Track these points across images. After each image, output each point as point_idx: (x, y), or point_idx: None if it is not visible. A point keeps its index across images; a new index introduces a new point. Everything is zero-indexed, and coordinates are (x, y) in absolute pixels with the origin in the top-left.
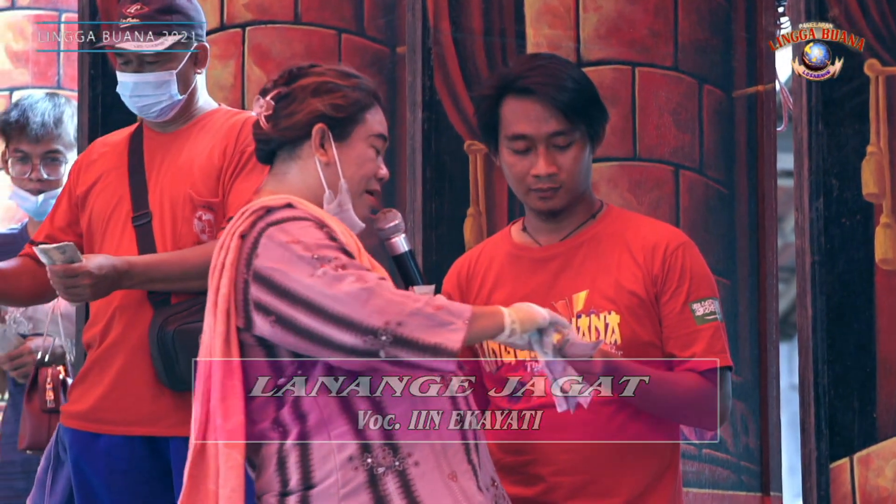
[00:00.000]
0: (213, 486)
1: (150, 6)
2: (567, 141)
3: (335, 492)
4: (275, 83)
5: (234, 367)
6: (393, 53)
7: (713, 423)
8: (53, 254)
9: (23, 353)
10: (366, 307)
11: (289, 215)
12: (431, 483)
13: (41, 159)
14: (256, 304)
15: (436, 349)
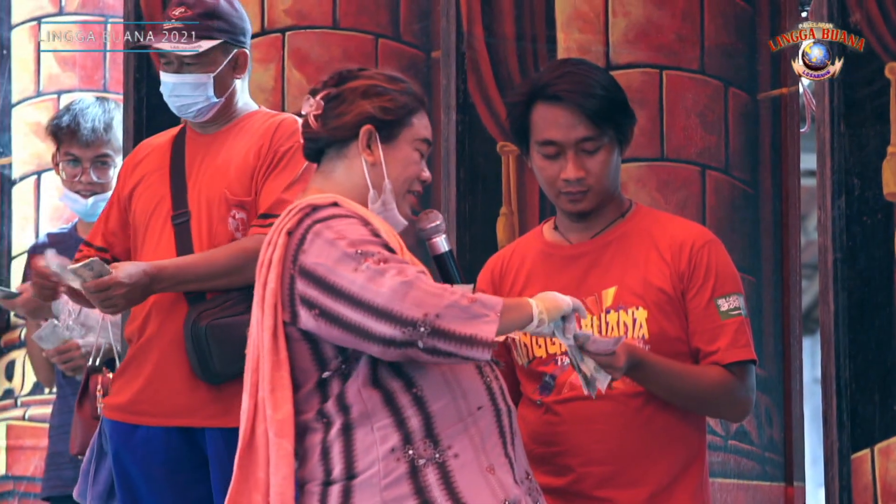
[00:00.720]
0: (262, 475)
1: (193, 10)
2: (595, 146)
3: (377, 482)
4: (325, 84)
5: (281, 360)
6: (428, 57)
7: (738, 416)
8: (82, 272)
9: (71, 347)
10: (405, 300)
11: (334, 213)
12: (470, 475)
13: (91, 163)
14: (302, 298)
15: (471, 340)
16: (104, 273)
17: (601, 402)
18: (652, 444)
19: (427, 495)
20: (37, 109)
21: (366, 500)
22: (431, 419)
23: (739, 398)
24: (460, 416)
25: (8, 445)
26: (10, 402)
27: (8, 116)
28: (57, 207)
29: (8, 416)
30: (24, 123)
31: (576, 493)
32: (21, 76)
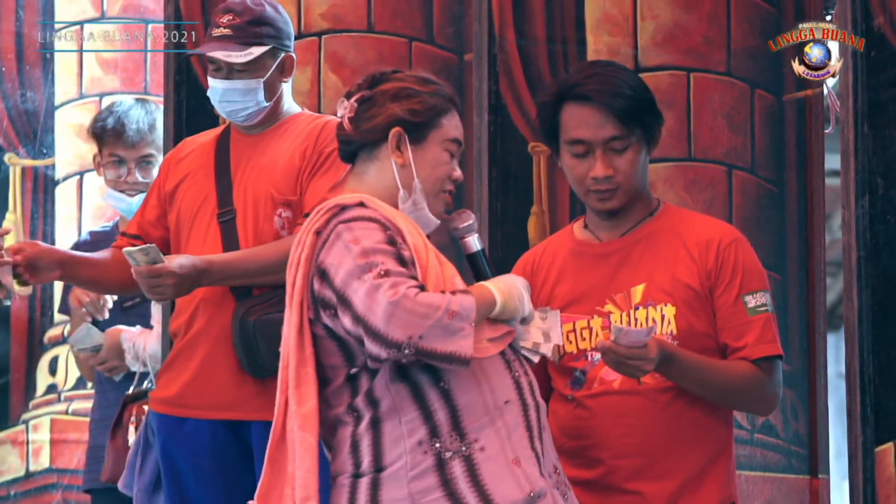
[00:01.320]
0: (291, 468)
1: (241, 17)
2: (623, 145)
3: (404, 474)
4: (359, 87)
5: (307, 357)
6: (461, 60)
7: (765, 410)
8: (137, 255)
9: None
10: (391, 322)
11: (358, 214)
12: (496, 468)
13: (136, 163)
14: (319, 296)
15: (450, 357)
16: (158, 260)
17: (631, 397)
18: (680, 438)
19: (453, 487)
20: (79, 111)
21: (393, 491)
22: (458, 412)
23: (767, 392)
24: (487, 410)
25: (52, 439)
26: (54, 397)
27: (51, 118)
28: (99, 207)
29: (52, 411)
30: (67, 125)
31: (606, 485)
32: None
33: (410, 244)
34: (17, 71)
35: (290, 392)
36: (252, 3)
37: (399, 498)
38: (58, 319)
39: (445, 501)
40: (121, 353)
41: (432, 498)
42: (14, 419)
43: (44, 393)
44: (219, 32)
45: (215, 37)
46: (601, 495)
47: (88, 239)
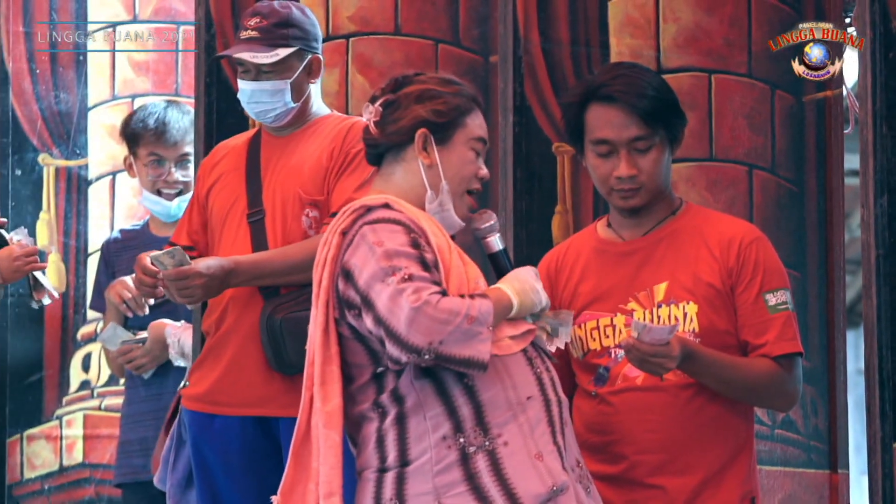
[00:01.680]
0: (315, 464)
1: (268, 20)
2: (647, 145)
3: (429, 469)
4: (383, 90)
5: (332, 355)
6: (486, 62)
7: (785, 406)
8: (164, 259)
9: (132, 348)
10: (411, 327)
11: (383, 216)
12: (519, 462)
13: (175, 163)
14: (343, 296)
15: (468, 362)
16: (185, 262)
17: (654, 394)
18: (702, 434)
19: (477, 481)
20: (112, 112)
21: (418, 485)
22: (482, 408)
23: (787, 389)
24: (510, 406)
25: (85, 434)
26: (87, 393)
27: (84, 119)
28: (131, 206)
29: (85, 407)
30: (100, 126)
31: (629, 480)
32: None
33: (434, 245)
34: (50, 73)
35: (314, 389)
36: (279, 6)
37: (424, 492)
38: (91, 317)
39: (470, 495)
40: (164, 346)
41: (457, 492)
42: (48, 415)
43: (77, 389)
44: (246, 35)
45: (243, 39)
46: (624, 490)
47: (119, 237)
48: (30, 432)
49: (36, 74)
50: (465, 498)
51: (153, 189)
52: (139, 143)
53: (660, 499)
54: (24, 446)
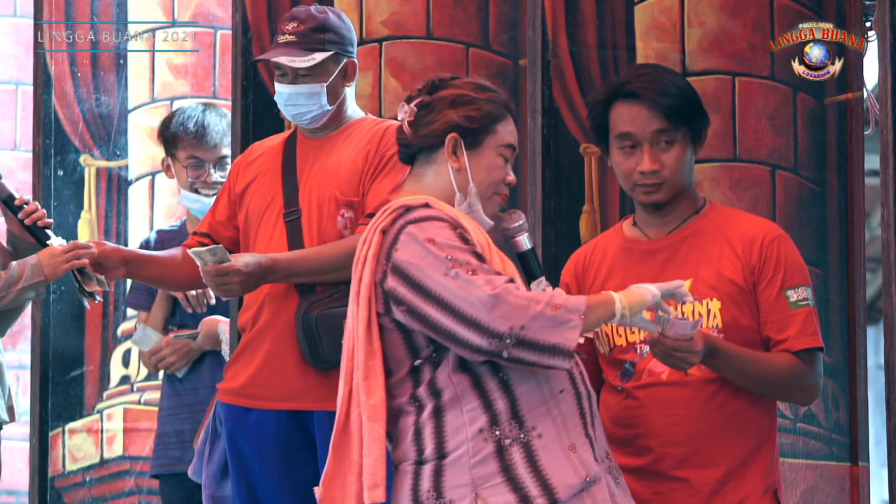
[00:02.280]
0: (356, 457)
1: (305, 25)
2: (670, 140)
3: (466, 461)
4: (419, 91)
5: (375, 350)
6: (515, 65)
7: (806, 399)
8: (205, 255)
9: (161, 348)
10: (493, 312)
11: (426, 214)
12: (553, 454)
13: (213, 164)
14: (392, 293)
15: (554, 348)
16: (225, 260)
17: (678, 388)
18: (726, 427)
19: (513, 473)
20: (151, 115)
21: (456, 477)
22: (517, 401)
23: (808, 383)
24: (543, 399)
25: (125, 428)
26: (127, 388)
27: (125, 121)
28: (169, 206)
29: (125, 401)
30: (140, 128)
31: (655, 472)
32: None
33: (475, 242)
34: (91, 76)
35: (357, 383)
36: (316, 11)
37: (461, 484)
38: (130, 314)
39: (505, 486)
40: (217, 341)
41: (493, 483)
42: (89, 409)
43: (117, 384)
44: (284, 39)
45: (281, 43)
46: (650, 482)
47: (156, 237)
48: (71, 426)
49: (77, 78)
50: (501, 489)
51: (192, 189)
52: (178, 146)
53: (684, 490)
54: (66, 439)
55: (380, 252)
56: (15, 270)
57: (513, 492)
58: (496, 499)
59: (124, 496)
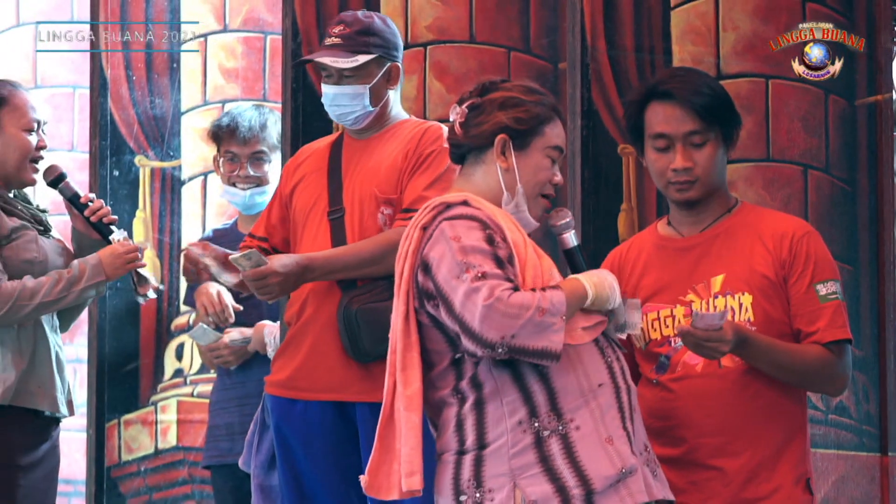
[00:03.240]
0: (399, 446)
1: (351, 28)
2: (702, 139)
3: (506, 452)
4: (470, 93)
5: (412, 342)
6: (555, 69)
7: (836, 390)
8: (242, 261)
9: (219, 346)
10: (485, 324)
11: (461, 213)
12: (590, 445)
13: (248, 159)
14: (423, 288)
15: (542, 353)
16: (261, 263)
17: (712, 380)
18: (758, 418)
19: (551, 463)
20: (203, 117)
21: (495, 467)
22: (555, 394)
23: (837, 374)
24: (582, 392)
25: (178, 419)
26: (181, 381)
27: (178, 123)
28: (221, 205)
29: (178, 393)
30: (192, 129)
31: (690, 461)
32: (189, 88)
33: (510, 240)
34: (146, 80)
35: (396, 375)
36: (363, 16)
37: (501, 473)
38: (183, 309)
39: (543, 476)
40: (264, 345)
41: (531, 473)
42: (144, 401)
43: (171, 377)
44: (330, 41)
45: (327, 45)
46: (685, 471)
47: (211, 236)
48: (127, 417)
49: (133, 81)
50: (540, 479)
51: (229, 183)
52: (219, 142)
53: (719, 479)
54: (122, 431)
55: (418, 248)
56: (76, 270)
57: (550, 482)
58: (534, 488)
59: (178, 485)
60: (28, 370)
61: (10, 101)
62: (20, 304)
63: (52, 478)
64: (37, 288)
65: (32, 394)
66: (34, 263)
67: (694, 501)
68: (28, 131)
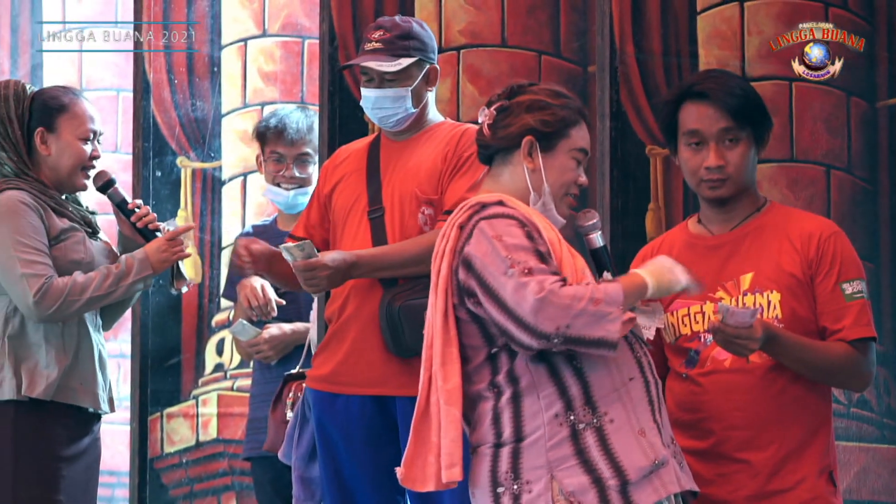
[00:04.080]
0: (435, 439)
1: (391, 32)
2: (735, 138)
3: (542, 444)
4: (499, 96)
5: (451, 338)
6: (585, 72)
7: (860, 386)
8: (294, 251)
9: (259, 342)
10: (539, 315)
11: (498, 212)
12: (624, 437)
13: (293, 160)
14: (464, 285)
15: (599, 342)
16: (313, 255)
17: (740, 375)
18: (784, 412)
19: (587, 455)
20: (243, 119)
21: (533, 459)
22: (590, 388)
23: (862, 370)
24: (615, 386)
25: (219, 412)
26: (221, 375)
27: (218, 125)
28: (260, 204)
29: (219, 387)
30: (233, 131)
31: (718, 454)
32: (229, 91)
33: (546, 238)
34: (188, 84)
35: (435, 370)
36: (401, 21)
37: (538, 465)
38: (224, 305)
39: (579, 468)
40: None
41: (568, 465)
42: (185, 395)
43: (211, 371)
44: (371, 46)
45: (368, 50)
46: (713, 464)
47: (251, 231)
48: (169, 411)
49: (174, 85)
50: (576, 470)
51: (273, 183)
52: (264, 142)
53: (746, 472)
54: (164, 423)
55: (456, 246)
56: (124, 265)
57: (586, 473)
58: (571, 479)
59: (218, 476)
60: (71, 367)
61: (70, 108)
62: (71, 300)
63: (94, 469)
64: (87, 283)
65: (74, 390)
66: (81, 264)
67: (722, 493)
68: (84, 140)
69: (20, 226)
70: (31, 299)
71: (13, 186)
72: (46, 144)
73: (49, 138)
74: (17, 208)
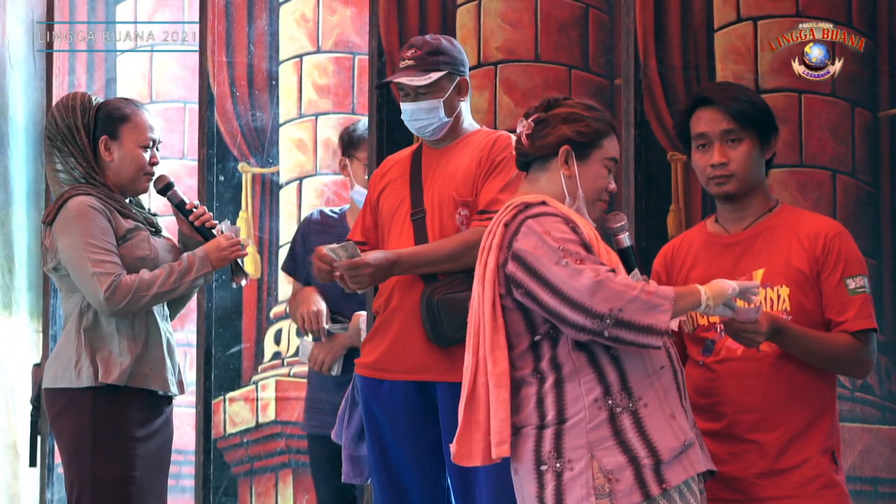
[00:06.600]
0: (482, 419)
1: (421, 50)
2: (737, 138)
3: (583, 426)
4: (536, 108)
5: (499, 326)
6: (611, 85)
7: (862, 374)
8: (338, 251)
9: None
10: (595, 296)
11: (543, 210)
12: (657, 421)
13: None
14: (512, 277)
15: (649, 328)
16: (356, 255)
17: (751, 362)
18: (792, 397)
19: (624, 437)
20: (298, 129)
21: (574, 440)
22: (626, 375)
23: (863, 359)
24: (647, 374)
25: (276, 396)
26: (278, 363)
27: (276, 134)
28: (314, 206)
29: (277, 373)
30: (289, 139)
31: (730, 435)
32: (286, 102)
33: (585, 236)
34: (248, 96)
35: (484, 355)
36: (430, 39)
37: (579, 446)
38: (281, 298)
39: (617, 448)
40: (360, 332)
41: (606, 446)
42: (246, 380)
43: (270, 359)
44: (405, 64)
45: (402, 68)
46: (726, 444)
47: (318, 218)
48: (231, 395)
49: (236, 97)
50: (614, 451)
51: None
52: (359, 148)
53: (756, 451)
54: (227, 407)
55: (503, 242)
56: (186, 262)
57: (623, 453)
58: (609, 459)
59: (275, 455)
60: (142, 355)
61: (131, 118)
62: (139, 296)
63: (167, 448)
64: (152, 280)
65: (145, 375)
66: (147, 260)
67: (735, 471)
68: (144, 148)
69: (89, 228)
70: (102, 296)
71: (82, 192)
72: (110, 151)
73: (112, 146)
74: (86, 212)
